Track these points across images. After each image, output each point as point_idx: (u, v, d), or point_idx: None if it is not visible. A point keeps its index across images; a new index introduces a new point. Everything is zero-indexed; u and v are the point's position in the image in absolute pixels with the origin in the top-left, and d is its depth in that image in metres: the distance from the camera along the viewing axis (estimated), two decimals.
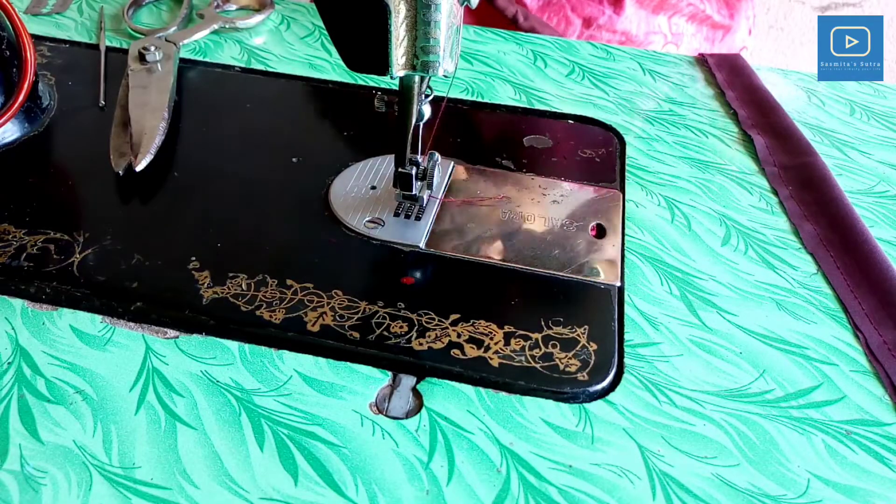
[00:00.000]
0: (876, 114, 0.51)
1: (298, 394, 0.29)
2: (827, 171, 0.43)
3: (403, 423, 0.28)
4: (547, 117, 0.47)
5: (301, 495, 0.26)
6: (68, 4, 0.54)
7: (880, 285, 0.35)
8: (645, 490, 0.27)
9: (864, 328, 0.34)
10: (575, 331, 0.32)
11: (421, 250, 0.36)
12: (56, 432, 0.27)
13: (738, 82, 0.51)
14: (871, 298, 0.35)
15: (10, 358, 0.29)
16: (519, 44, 0.54)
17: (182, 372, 0.29)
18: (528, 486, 0.27)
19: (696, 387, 0.31)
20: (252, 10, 0.55)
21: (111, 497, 0.25)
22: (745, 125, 0.47)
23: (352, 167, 0.41)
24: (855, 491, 0.27)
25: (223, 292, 0.33)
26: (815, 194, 0.41)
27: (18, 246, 0.34)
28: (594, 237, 0.38)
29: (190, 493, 0.25)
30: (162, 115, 0.41)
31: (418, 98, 0.33)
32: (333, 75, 0.49)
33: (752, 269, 0.37)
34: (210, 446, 0.27)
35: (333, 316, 0.32)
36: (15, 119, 0.40)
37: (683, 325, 0.33)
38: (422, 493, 0.26)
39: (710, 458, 0.28)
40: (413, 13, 0.28)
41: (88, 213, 0.37)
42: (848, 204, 0.40)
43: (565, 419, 0.29)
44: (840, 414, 0.30)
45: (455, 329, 0.32)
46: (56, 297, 0.32)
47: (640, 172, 0.43)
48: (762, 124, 0.47)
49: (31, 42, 0.40)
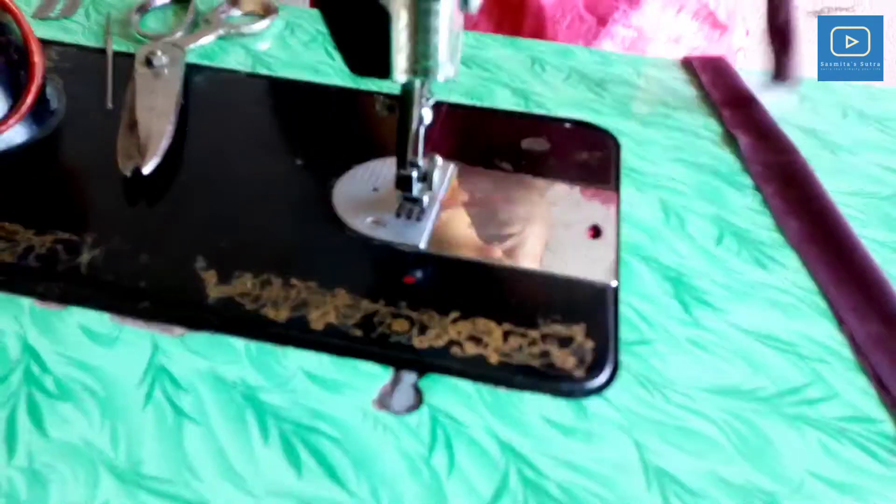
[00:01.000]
0: (868, 116, 0.51)
1: (302, 390, 0.30)
2: (809, 169, 0.43)
3: (404, 418, 0.29)
4: (544, 121, 0.48)
5: (304, 489, 0.26)
6: (76, 9, 0.55)
7: (864, 279, 0.36)
8: (640, 485, 0.27)
9: (848, 322, 0.34)
10: (572, 329, 0.33)
11: (421, 250, 0.37)
12: (64, 429, 0.27)
13: (722, 83, 0.52)
14: (856, 292, 0.35)
15: (19, 356, 0.30)
16: (517, 49, 0.55)
17: (189, 369, 0.30)
18: (527, 481, 0.27)
19: (691, 384, 0.31)
20: (257, 16, 0.56)
21: (118, 492, 0.26)
22: (729, 125, 0.48)
23: (354, 169, 0.41)
24: (849, 487, 0.28)
25: (229, 291, 0.33)
26: (798, 191, 0.42)
27: (27, 246, 0.35)
28: (590, 237, 0.38)
29: (196, 487, 0.26)
30: (169, 119, 0.42)
31: (419, 102, 0.34)
32: (336, 80, 0.50)
33: (744, 269, 0.37)
34: (216, 442, 0.27)
35: (336, 314, 0.33)
36: (23, 122, 0.41)
37: (678, 324, 0.34)
38: (423, 487, 0.27)
39: (704, 454, 0.29)
40: (414, 19, 0.29)
41: (96, 214, 0.38)
42: (830, 200, 0.41)
43: (563, 415, 0.29)
44: (833, 411, 0.31)
45: (455, 327, 0.32)
46: (64, 295, 0.33)
47: (635, 174, 0.43)
48: (745, 124, 0.47)
49: (39, 46, 0.41)
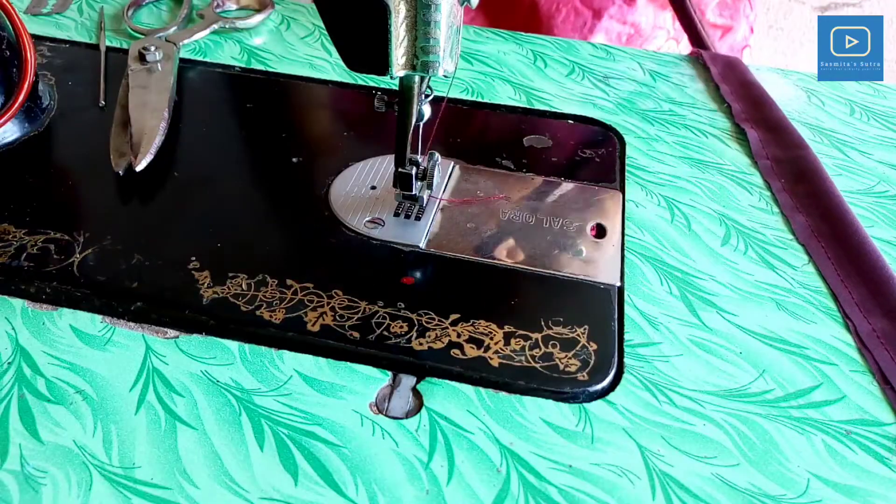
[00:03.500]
0: (876, 114, 0.51)
1: (298, 394, 0.29)
2: (819, 164, 0.43)
3: (403, 422, 0.28)
4: (547, 117, 0.47)
5: (301, 495, 0.26)
6: (68, 4, 0.54)
7: (870, 275, 0.35)
8: (645, 490, 0.27)
9: (853, 317, 0.34)
10: (575, 331, 0.32)
11: (421, 250, 0.36)
12: (56, 432, 0.27)
13: (733, 77, 0.52)
14: (861, 287, 0.35)
15: (10, 358, 0.29)
16: (519, 44, 0.54)
17: (182, 372, 0.29)
18: (528, 486, 0.27)
19: (696, 387, 0.31)
20: (252, 11, 0.55)
21: (111, 497, 0.25)
22: (739, 118, 0.47)
23: (352, 167, 0.41)
24: (855, 491, 0.27)
25: (223, 292, 0.33)
26: (808, 186, 0.41)
27: (18, 246, 0.34)
28: (594, 237, 0.38)
29: (190, 492, 0.25)
30: (162, 115, 0.41)
31: (418, 98, 0.33)
32: (333, 75, 0.49)
33: (751, 269, 0.37)
34: (210, 446, 0.27)
35: (333, 316, 0.32)
36: (15, 119, 0.40)
37: (683, 325, 0.33)
38: (422, 493, 0.26)
39: (709, 458, 0.28)
40: (413, 13, 0.28)
41: (88, 213, 0.37)
42: (839, 196, 0.40)
43: (565, 419, 0.29)
44: (840, 414, 0.30)
45: (455, 329, 0.32)
46: (56, 296, 0.32)
47: (640, 172, 0.43)
48: (755, 118, 0.47)
49: (31, 42, 0.40)
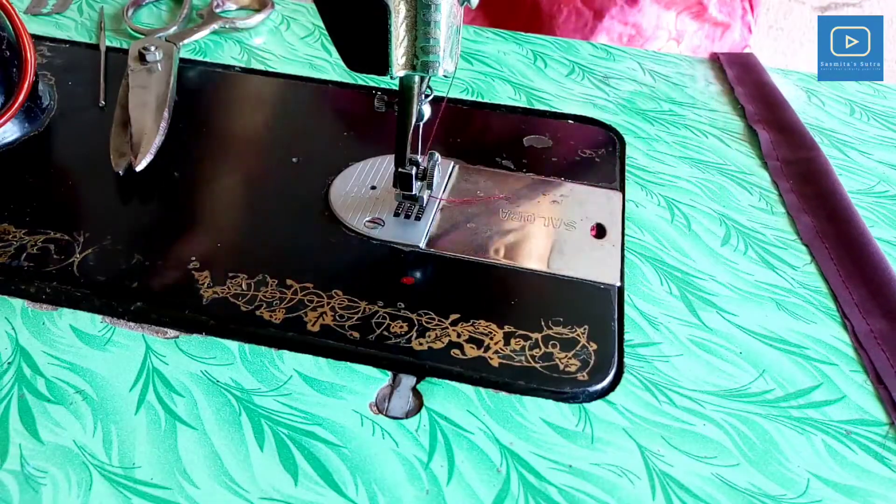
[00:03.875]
0: (876, 114, 0.51)
1: (298, 394, 0.29)
2: (829, 166, 0.43)
3: (403, 422, 0.28)
4: (547, 117, 0.47)
5: (301, 495, 0.26)
6: (68, 4, 0.54)
7: (872, 276, 0.36)
8: (645, 490, 0.27)
9: (852, 317, 0.34)
10: (575, 331, 0.32)
11: (421, 250, 0.36)
12: (56, 432, 0.27)
13: (749, 79, 0.52)
14: (862, 288, 0.35)
15: (11, 358, 0.29)
16: (519, 44, 0.54)
17: (182, 372, 0.29)
18: (528, 486, 0.27)
19: (696, 387, 0.31)
20: (252, 11, 0.55)
21: (111, 497, 0.25)
22: (752, 120, 0.48)
23: (352, 167, 0.41)
24: (855, 491, 0.27)
25: (223, 292, 0.33)
26: (816, 188, 0.42)
27: (18, 246, 0.34)
28: (594, 237, 0.38)
29: (190, 492, 0.25)
30: (162, 115, 0.41)
31: (418, 98, 0.33)
32: (333, 75, 0.49)
33: (751, 269, 0.37)
34: (210, 446, 0.27)
35: (333, 316, 0.32)
36: (15, 119, 0.40)
37: (683, 325, 0.33)
38: (422, 493, 0.26)
39: (709, 458, 0.28)
40: (413, 13, 0.28)
41: (88, 213, 0.37)
42: (847, 199, 0.41)
43: (565, 419, 0.29)
44: (840, 414, 0.30)
45: (455, 329, 0.32)
46: (56, 296, 0.32)
47: (640, 172, 0.43)
48: (768, 119, 0.48)
49: (31, 42, 0.40)
